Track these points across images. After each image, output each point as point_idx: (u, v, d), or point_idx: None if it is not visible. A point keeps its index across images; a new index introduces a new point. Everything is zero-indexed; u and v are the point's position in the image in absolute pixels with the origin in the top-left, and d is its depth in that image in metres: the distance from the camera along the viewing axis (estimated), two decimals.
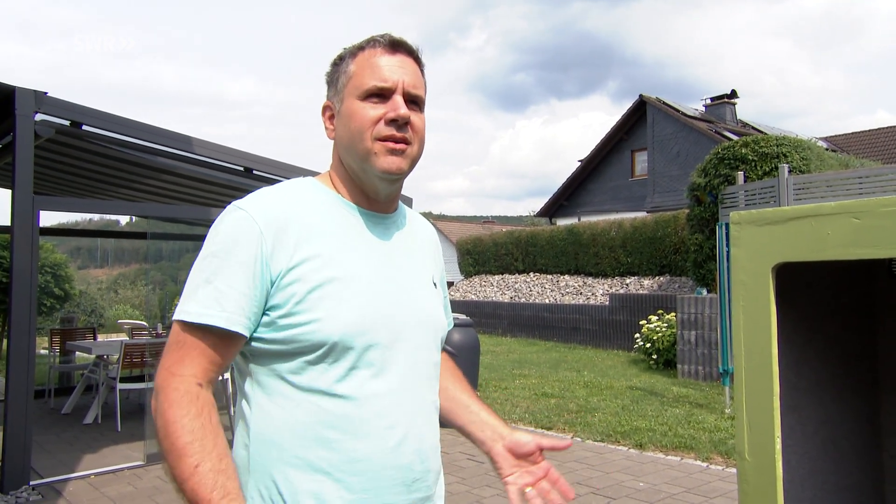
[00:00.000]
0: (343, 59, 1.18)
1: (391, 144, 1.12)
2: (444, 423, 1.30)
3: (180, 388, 1.03)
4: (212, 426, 1.03)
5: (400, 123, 1.13)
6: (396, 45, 1.15)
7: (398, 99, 1.13)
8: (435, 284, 1.28)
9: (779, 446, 0.87)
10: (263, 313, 1.07)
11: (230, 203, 1.12)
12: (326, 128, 1.21)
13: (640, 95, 21.83)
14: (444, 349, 1.32)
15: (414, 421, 1.14)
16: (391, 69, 1.14)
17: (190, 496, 0.98)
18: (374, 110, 1.12)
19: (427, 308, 1.21)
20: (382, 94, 1.13)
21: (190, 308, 1.05)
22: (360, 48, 1.16)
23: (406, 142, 1.14)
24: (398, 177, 1.16)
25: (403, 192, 1.27)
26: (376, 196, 1.20)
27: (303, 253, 1.08)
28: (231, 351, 1.08)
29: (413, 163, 1.17)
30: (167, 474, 1.02)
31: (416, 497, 1.14)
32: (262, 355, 1.09)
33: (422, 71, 1.20)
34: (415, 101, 1.16)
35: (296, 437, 1.07)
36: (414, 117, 1.15)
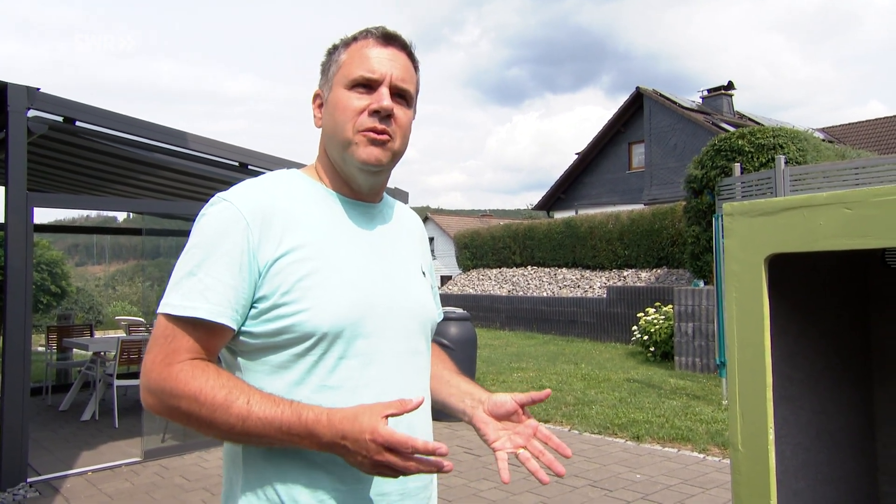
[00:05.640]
0: (336, 48, 1.18)
1: (372, 135, 1.11)
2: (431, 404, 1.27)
3: (185, 368, 1.01)
4: (236, 379, 1.03)
5: (382, 115, 1.11)
6: (389, 38, 1.15)
7: (384, 91, 1.12)
8: (424, 273, 1.27)
9: (772, 437, 0.86)
10: (251, 306, 1.06)
11: (214, 195, 1.11)
12: (314, 116, 1.21)
13: (637, 87, 21.78)
14: (440, 342, 1.31)
15: None
16: (380, 61, 1.13)
17: (258, 425, 0.97)
18: (358, 100, 1.12)
19: (415, 296, 1.20)
20: (369, 86, 1.12)
21: (174, 301, 1.03)
22: (354, 38, 1.16)
23: (387, 134, 1.12)
24: (377, 168, 1.14)
25: (400, 186, 1.26)
26: (359, 188, 1.19)
27: (289, 243, 1.07)
28: (219, 343, 1.07)
29: (395, 157, 1.16)
30: (223, 435, 1.01)
31: (413, 486, 1.13)
32: (251, 350, 1.08)
33: (415, 67, 1.18)
34: (402, 96, 1.15)
35: None
36: (398, 111, 1.13)
